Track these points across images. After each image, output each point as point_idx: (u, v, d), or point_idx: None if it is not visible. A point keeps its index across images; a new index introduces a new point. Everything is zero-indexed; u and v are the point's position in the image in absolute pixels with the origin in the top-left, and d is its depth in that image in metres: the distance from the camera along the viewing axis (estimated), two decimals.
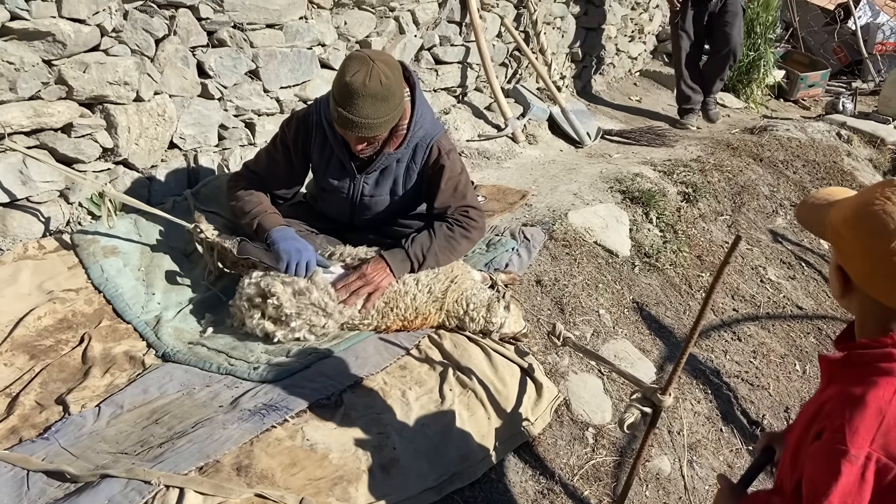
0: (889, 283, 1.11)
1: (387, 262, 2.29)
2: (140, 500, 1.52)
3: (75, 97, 2.39)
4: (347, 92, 2.12)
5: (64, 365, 2.06)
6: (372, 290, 2.25)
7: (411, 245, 2.36)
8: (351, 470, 1.75)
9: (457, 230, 2.44)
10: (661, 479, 2.34)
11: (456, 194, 2.46)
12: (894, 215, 1.10)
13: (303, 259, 2.25)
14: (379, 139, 2.32)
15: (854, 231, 1.15)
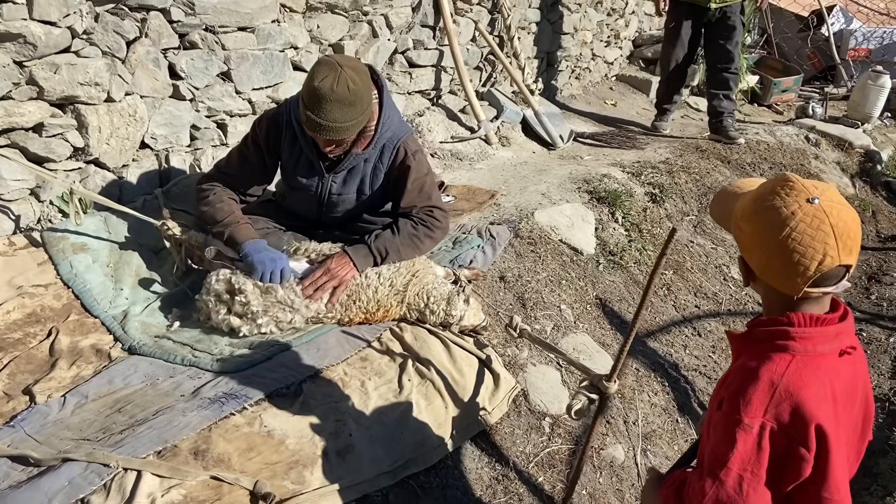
0: (783, 273, 1.22)
1: (350, 257, 2.36)
2: (99, 482, 1.59)
3: (46, 97, 2.45)
4: (316, 97, 2.20)
5: (31, 357, 2.11)
6: (336, 285, 2.32)
7: (374, 241, 2.43)
8: (307, 455, 1.82)
9: (420, 229, 2.51)
10: (615, 466, 2.42)
11: (421, 194, 2.54)
12: (782, 211, 1.20)
13: (276, 268, 2.31)
14: (347, 141, 2.39)
15: (752, 225, 1.26)
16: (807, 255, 1.18)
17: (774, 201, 1.23)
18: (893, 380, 3.42)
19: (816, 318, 1.23)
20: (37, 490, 1.58)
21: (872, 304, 4.21)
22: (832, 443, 1.18)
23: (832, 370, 1.24)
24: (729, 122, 5.27)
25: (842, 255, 1.19)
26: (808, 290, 1.21)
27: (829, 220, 1.18)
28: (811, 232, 1.18)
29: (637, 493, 2.40)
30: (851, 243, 1.20)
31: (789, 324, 1.23)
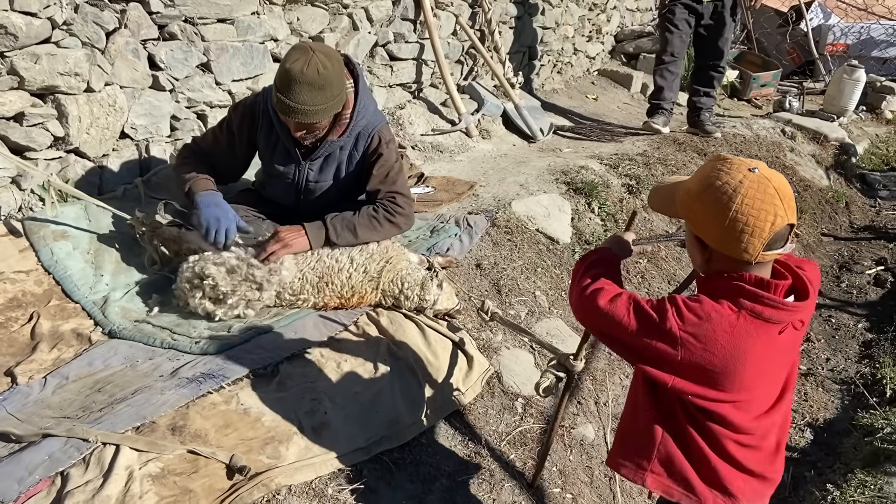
0: (741, 240, 1.32)
1: (304, 228, 2.43)
2: (78, 456, 1.64)
3: (27, 87, 2.48)
4: (286, 78, 2.25)
5: (13, 340, 2.15)
6: (281, 246, 2.38)
7: (331, 217, 2.48)
8: (282, 431, 1.88)
9: (381, 212, 2.55)
10: (585, 444, 2.50)
11: (387, 180, 2.59)
12: (730, 184, 1.32)
13: (221, 226, 2.37)
14: (319, 127, 2.44)
15: (702, 203, 1.37)
16: (760, 218, 1.29)
17: (720, 176, 1.34)
18: (860, 364, 3.52)
19: (766, 283, 1.35)
20: (17, 464, 1.63)
21: (843, 291, 4.31)
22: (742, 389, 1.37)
23: (768, 339, 1.36)
24: (706, 116, 5.36)
25: (788, 214, 1.31)
26: (764, 253, 1.31)
27: (772, 184, 1.31)
28: (760, 196, 1.29)
29: (606, 469, 2.48)
30: (792, 203, 1.33)
31: (742, 281, 1.35)
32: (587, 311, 1.47)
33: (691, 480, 1.46)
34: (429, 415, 2.21)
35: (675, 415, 1.45)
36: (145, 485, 1.59)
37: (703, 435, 1.44)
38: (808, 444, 2.93)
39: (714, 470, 1.45)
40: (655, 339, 1.35)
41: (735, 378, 1.36)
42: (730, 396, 1.38)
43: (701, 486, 1.46)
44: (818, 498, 2.40)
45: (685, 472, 1.46)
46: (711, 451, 1.44)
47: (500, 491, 2.15)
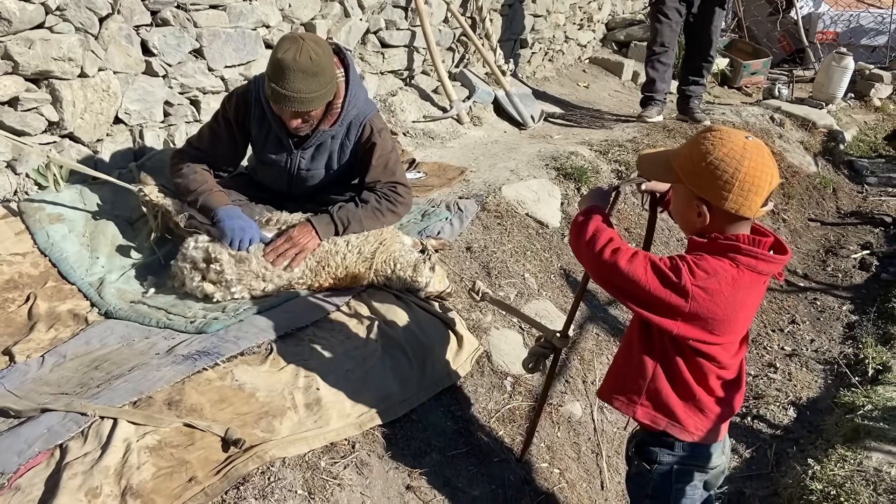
0: (746, 199, 1.49)
1: (313, 226, 2.46)
2: (77, 429, 1.68)
3: (21, 72, 2.51)
4: (279, 68, 2.28)
5: (10, 321, 2.19)
6: (298, 251, 2.42)
7: (337, 211, 2.53)
8: (276, 406, 1.92)
9: (384, 203, 2.61)
10: (573, 422, 2.55)
11: (386, 171, 2.64)
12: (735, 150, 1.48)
13: (246, 236, 2.40)
14: (313, 116, 2.47)
15: (710, 169, 1.50)
16: (763, 179, 1.47)
17: (724, 144, 1.50)
18: (843, 345, 3.59)
19: (755, 240, 1.54)
20: (17, 437, 1.67)
21: (828, 275, 4.38)
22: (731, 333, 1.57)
23: (758, 289, 1.57)
24: (696, 104, 5.41)
25: (776, 175, 1.51)
26: (761, 209, 1.51)
27: (765, 150, 1.51)
28: (761, 160, 1.48)
29: (593, 446, 2.54)
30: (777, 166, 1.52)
31: (737, 240, 1.53)
32: (608, 271, 1.60)
33: (675, 410, 1.66)
34: (419, 392, 2.25)
35: (667, 354, 1.64)
36: (143, 456, 1.64)
37: (691, 370, 1.63)
38: (791, 422, 3.00)
39: (697, 400, 1.66)
40: (669, 294, 1.51)
41: (731, 324, 1.56)
42: (722, 339, 1.58)
43: (683, 414, 1.66)
44: (799, 472, 2.47)
45: (671, 404, 1.66)
46: (696, 384, 1.64)
47: (489, 465, 2.21)
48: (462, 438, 2.25)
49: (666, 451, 1.72)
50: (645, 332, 1.68)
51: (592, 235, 1.66)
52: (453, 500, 2.05)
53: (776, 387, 3.21)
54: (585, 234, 1.68)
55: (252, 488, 1.69)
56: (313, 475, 1.82)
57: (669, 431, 1.68)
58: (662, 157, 1.65)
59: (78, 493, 1.53)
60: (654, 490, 1.75)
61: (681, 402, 1.66)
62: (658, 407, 1.68)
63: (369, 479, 1.93)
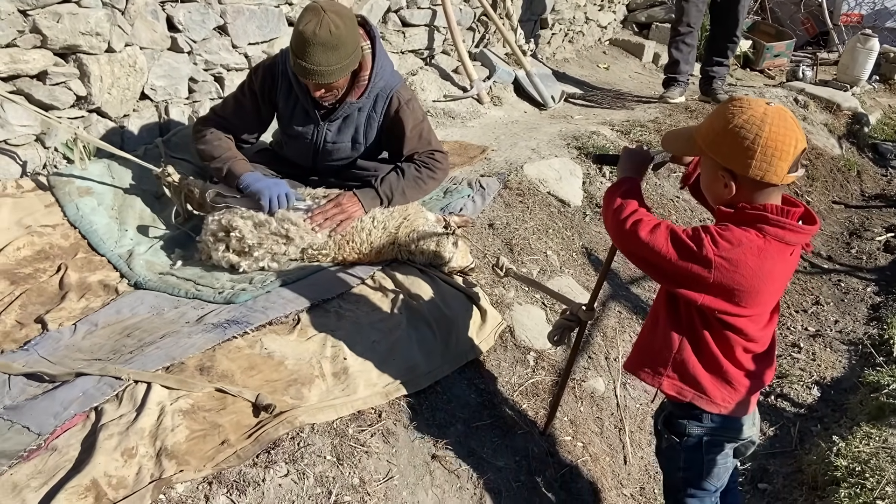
0: (770, 164, 1.46)
1: (358, 198, 2.48)
2: (111, 393, 1.71)
3: (49, 46, 2.53)
4: (300, 41, 2.29)
5: (42, 290, 2.23)
6: (345, 218, 2.44)
7: (381, 184, 2.54)
8: (304, 375, 1.95)
9: (424, 171, 2.62)
10: (596, 397, 2.56)
11: (422, 140, 2.64)
12: (756, 115, 1.47)
13: (281, 192, 2.43)
14: (337, 87, 2.47)
15: (732, 136, 1.49)
16: (786, 143, 1.45)
17: (744, 111, 1.49)
18: (868, 326, 3.56)
19: (785, 210, 1.52)
20: (52, 400, 1.71)
21: (853, 257, 4.34)
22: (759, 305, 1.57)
23: (786, 259, 1.54)
24: (718, 85, 5.35)
25: (802, 139, 1.49)
26: (787, 175, 1.47)
27: (788, 115, 1.49)
28: (783, 124, 1.46)
29: (616, 421, 2.55)
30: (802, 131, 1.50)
31: (766, 210, 1.51)
32: (629, 241, 1.61)
33: (702, 382, 1.65)
34: (443, 365, 2.27)
35: (694, 326, 1.63)
36: (177, 419, 1.66)
37: (718, 343, 1.62)
38: (815, 401, 2.98)
39: (724, 372, 1.65)
40: (691, 264, 1.50)
41: (757, 296, 1.54)
42: (749, 311, 1.57)
43: (711, 386, 1.66)
44: (824, 449, 2.46)
45: (698, 376, 1.65)
46: (723, 356, 1.63)
47: (513, 437, 2.22)
48: (486, 411, 2.26)
49: (695, 423, 1.73)
50: (671, 304, 1.68)
51: (619, 206, 1.67)
52: (478, 469, 2.07)
53: (800, 366, 3.19)
54: (613, 204, 1.69)
55: (282, 453, 1.72)
56: (341, 442, 1.84)
57: (696, 403, 1.68)
58: (685, 131, 1.66)
59: (114, 452, 1.56)
60: (685, 462, 1.76)
61: (708, 374, 1.66)
62: (684, 379, 1.68)
63: (395, 448, 1.95)
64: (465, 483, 2.02)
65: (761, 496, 2.52)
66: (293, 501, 1.66)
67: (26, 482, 1.50)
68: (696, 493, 1.79)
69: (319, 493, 1.70)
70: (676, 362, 1.67)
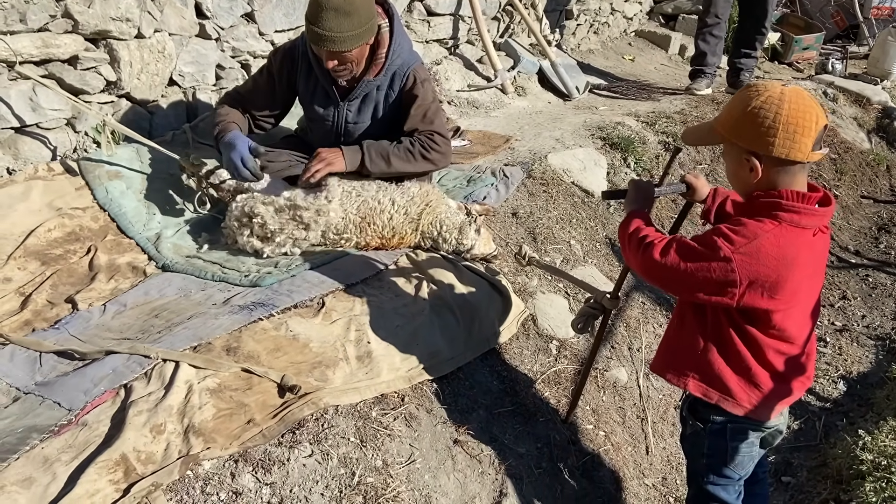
0: (794, 141, 1.45)
1: (342, 150, 2.50)
2: (140, 371, 1.74)
3: (80, 31, 2.56)
4: (314, 6, 2.30)
5: (72, 271, 2.27)
6: (324, 166, 2.45)
7: (368, 144, 2.53)
8: (329, 357, 1.96)
9: (416, 147, 2.56)
10: (618, 387, 2.55)
11: (424, 120, 2.60)
12: (773, 96, 1.47)
13: (236, 159, 2.43)
14: (351, 59, 2.44)
15: (752, 117, 1.48)
16: (807, 118, 1.44)
17: (760, 94, 1.48)
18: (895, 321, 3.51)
19: (801, 195, 1.50)
20: (83, 377, 1.74)
21: (881, 252, 4.27)
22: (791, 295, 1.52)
23: (807, 243, 1.51)
24: (746, 77, 5.28)
25: (822, 115, 1.48)
26: (812, 152, 1.45)
27: (805, 93, 1.49)
28: (801, 101, 1.46)
29: (638, 411, 2.53)
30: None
31: (780, 197, 1.49)
32: (648, 269, 1.61)
33: (729, 384, 1.62)
34: (466, 351, 2.27)
35: (720, 327, 1.60)
36: (204, 397, 1.69)
37: (746, 343, 1.59)
38: (841, 396, 2.95)
39: (752, 374, 1.60)
40: (712, 268, 1.49)
41: (786, 284, 1.50)
42: (781, 304, 1.53)
43: (737, 387, 1.62)
44: (849, 443, 2.43)
45: (724, 377, 1.62)
46: (753, 357, 1.60)
47: (535, 424, 2.22)
48: (508, 398, 2.26)
49: (714, 410, 1.70)
50: (697, 305, 1.65)
51: (629, 239, 1.68)
52: (500, 455, 2.07)
53: (826, 360, 3.16)
54: (626, 242, 1.70)
55: (307, 433, 1.73)
56: (365, 424, 1.86)
57: (722, 405, 1.65)
58: (705, 124, 1.66)
59: (143, 429, 1.58)
60: (709, 448, 1.75)
61: (735, 375, 1.63)
62: (711, 380, 1.65)
63: (418, 432, 1.96)
64: (487, 468, 2.03)
65: (785, 489, 2.50)
66: (317, 481, 1.67)
67: (57, 456, 1.53)
68: (718, 479, 1.78)
69: (343, 473, 1.72)
70: (702, 364, 1.65)
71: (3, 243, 2.27)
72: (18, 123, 2.50)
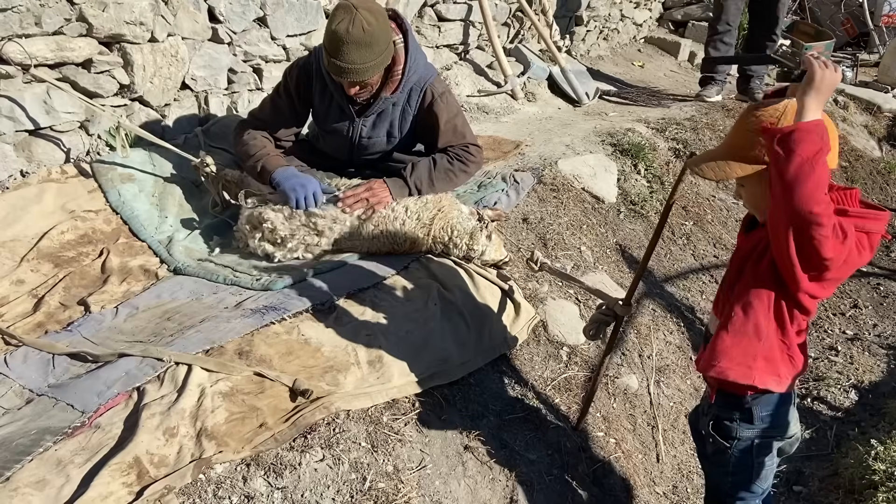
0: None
1: (388, 185, 2.49)
2: (153, 373, 1.74)
3: (95, 35, 2.58)
4: (334, 40, 2.30)
5: (85, 273, 2.27)
6: (375, 202, 2.45)
7: (411, 174, 2.54)
8: (341, 362, 1.96)
9: (456, 164, 2.62)
10: (629, 394, 2.54)
11: (456, 134, 2.65)
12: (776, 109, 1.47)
13: (308, 192, 2.43)
14: (372, 83, 2.48)
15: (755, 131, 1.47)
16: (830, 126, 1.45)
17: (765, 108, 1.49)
18: None
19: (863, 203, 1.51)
20: (96, 379, 1.74)
21: (892, 261, 4.25)
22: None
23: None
24: (756, 84, 5.27)
25: (831, 123, 1.47)
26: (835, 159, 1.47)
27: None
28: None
29: (649, 419, 2.52)
30: None
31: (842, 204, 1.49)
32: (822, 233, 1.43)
33: (780, 367, 1.61)
34: (476, 357, 2.27)
35: (782, 314, 1.56)
36: (216, 400, 1.69)
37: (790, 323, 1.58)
38: (853, 405, 2.93)
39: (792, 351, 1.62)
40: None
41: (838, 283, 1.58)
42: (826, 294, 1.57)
43: (784, 370, 1.62)
44: (861, 453, 2.41)
45: (777, 364, 1.60)
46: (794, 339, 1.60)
47: (545, 431, 2.22)
48: (518, 404, 2.26)
49: (745, 425, 1.67)
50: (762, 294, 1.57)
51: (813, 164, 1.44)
52: (510, 462, 2.06)
53: (837, 370, 3.14)
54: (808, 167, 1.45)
55: (318, 437, 1.73)
56: (376, 429, 1.85)
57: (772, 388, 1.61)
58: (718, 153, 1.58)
59: (156, 431, 1.58)
60: (735, 467, 1.72)
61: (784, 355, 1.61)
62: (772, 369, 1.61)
63: (429, 437, 1.96)
64: (498, 475, 2.02)
65: (796, 498, 2.48)
66: (328, 486, 1.67)
67: (70, 458, 1.54)
68: (745, 495, 1.76)
69: (354, 478, 1.71)
70: (765, 352, 1.59)
71: (16, 245, 2.28)
72: (32, 126, 2.51)
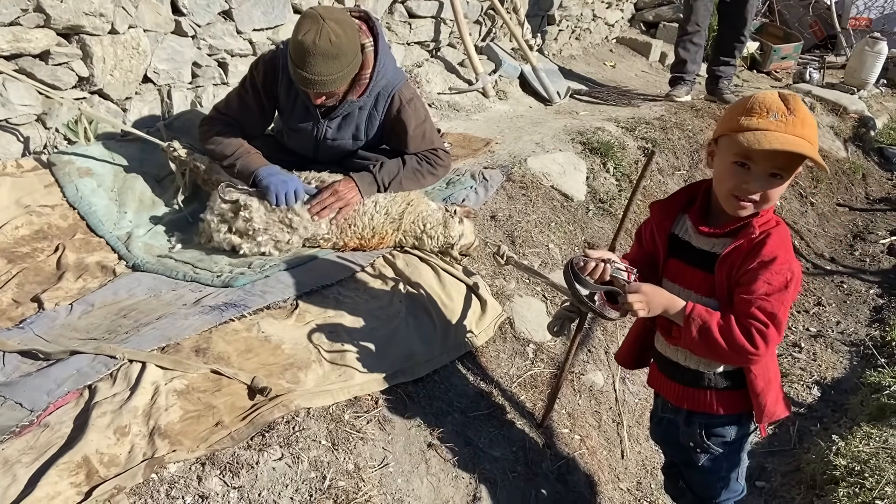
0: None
1: (356, 182, 2.46)
2: (106, 371, 1.70)
3: (53, 26, 2.51)
4: (300, 51, 2.27)
5: (39, 269, 2.21)
6: (343, 205, 2.43)
7: (380, 171, 2.53)
8: (301, 359, 1.93)
9: (424, 165, 2.64)
10: (595, 391, 2.54)
11: (425, 140, 2.66)
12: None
13: (290, 189, 2.40)
14: (337, 92, 2.45)
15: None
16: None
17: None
18: (870, 327, 3.54)
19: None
20: (46, 377, 1.69)
21: (856, 259, 4.32)
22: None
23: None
24: (725, 84, 5.33)
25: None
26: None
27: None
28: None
29: (614, 415, 2.53)
30: None
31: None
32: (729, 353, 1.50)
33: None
34: (442, 354, 2.25)
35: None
36: (171, 399, 1.65)
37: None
38: (815, 401, 2.97)
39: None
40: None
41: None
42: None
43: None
44: (823, 448, 2.44)
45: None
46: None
47: (510, 428, 2.21)
48: (483, 401, 2.24)
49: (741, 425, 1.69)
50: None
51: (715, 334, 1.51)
52: (474, 459, 2.05)
53: (800, 366, 3.18)
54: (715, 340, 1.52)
55: (277, 436, 1.70)
56: (337, 427, 1.83)
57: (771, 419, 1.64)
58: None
59: (107, 430, 1.54)
60: (727, 470, 1.75)
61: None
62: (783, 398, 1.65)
63: (391, 435, 1.93)
64: (461, 472, 2.01)
65: (759, 494, 2.50)
66: (287, 485, 1.64)
67: (17, 457, 1.49)
68: (731, 495, 1.80)
69: (313, 477, 1.68)
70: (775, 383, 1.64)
71: None
72: None
